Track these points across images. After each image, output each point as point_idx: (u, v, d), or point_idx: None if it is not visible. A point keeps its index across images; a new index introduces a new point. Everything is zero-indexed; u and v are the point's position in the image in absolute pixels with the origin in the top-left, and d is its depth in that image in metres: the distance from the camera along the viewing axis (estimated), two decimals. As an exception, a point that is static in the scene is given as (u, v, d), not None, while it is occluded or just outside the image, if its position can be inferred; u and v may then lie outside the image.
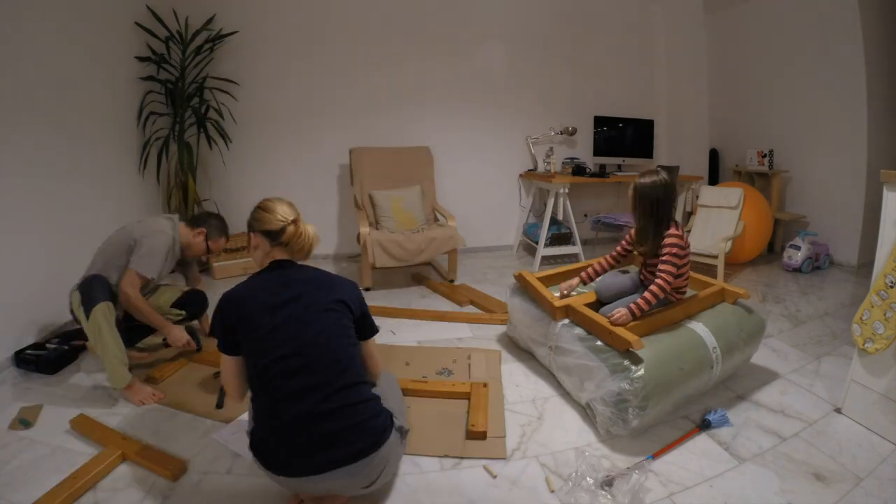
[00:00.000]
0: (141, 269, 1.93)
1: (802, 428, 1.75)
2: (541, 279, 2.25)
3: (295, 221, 1.38)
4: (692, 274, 2.26)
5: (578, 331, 1.89)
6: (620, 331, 1.70)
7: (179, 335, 2.04)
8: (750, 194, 3.68)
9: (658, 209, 1.84)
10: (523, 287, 2.29)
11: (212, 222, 2.19)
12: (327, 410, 1.21)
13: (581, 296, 2.12)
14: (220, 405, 1.82)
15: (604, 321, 1.79)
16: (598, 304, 2.05)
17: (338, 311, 1.32)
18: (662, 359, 1.68)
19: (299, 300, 1.29)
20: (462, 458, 1.58)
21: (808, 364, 2.23)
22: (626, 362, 1.65)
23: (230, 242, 3.56)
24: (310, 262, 1.48)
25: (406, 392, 1.86)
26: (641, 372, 1.60)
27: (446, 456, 1.58)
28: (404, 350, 2.36)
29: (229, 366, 1.31)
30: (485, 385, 1.95)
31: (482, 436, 1.66)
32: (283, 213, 1.38)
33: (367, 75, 3.95)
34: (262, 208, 1.41)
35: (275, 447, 1.22)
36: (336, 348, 1.28)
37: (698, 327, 1.86)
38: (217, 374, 2.02)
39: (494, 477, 1.49)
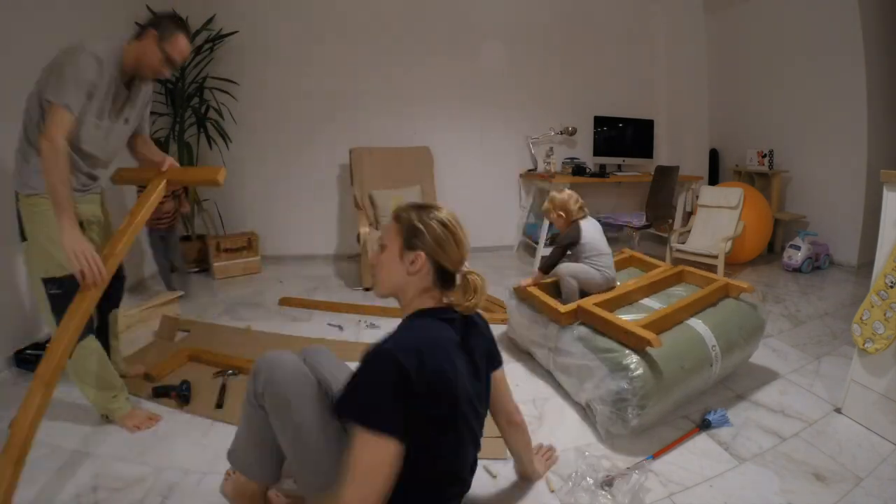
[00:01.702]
0: (50, 97, 1.40)
1: (802, 428, 1.75)
2: (540, 287, 2.21)
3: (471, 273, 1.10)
4: (696, 271, 2.33)
5: (578, 331, 1.89)
6: (639, 330, 1.66)
7: (71, 245, 1.37)
8: (750, 194, 3.68)
9: None
10: (524, 299, 2.26)
11: (162, 21, 1.56)
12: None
13: (591, 297, 2.07)
14: (219, 405, 1.82)
15: (620, 321, 1.76)
16: (618, 302, 2.05)
17: (492, 355, 1.19)
18: (662, 357, 1.67)
19: (475, 360, 1.08)
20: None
21: (808, 364, 2.23)
22: (625, 361, 1.64)
23: (230, 242, 3.58)
24: (307, 261, 1.48)
25: None
26: (640, 371, 1.60)
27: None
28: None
29: (387, 457, 0.88)
30: None
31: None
32: (468, 247, 1.10)
33: (367, 75, 3.96)
34: (450, 229, 1.07)
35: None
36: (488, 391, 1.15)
37: (698, 325, 1.86)
38: (220, 373, 2.02)
39: (494, 477, 1.48)
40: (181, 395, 1.85)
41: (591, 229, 2.22)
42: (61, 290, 1.51)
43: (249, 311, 2.89)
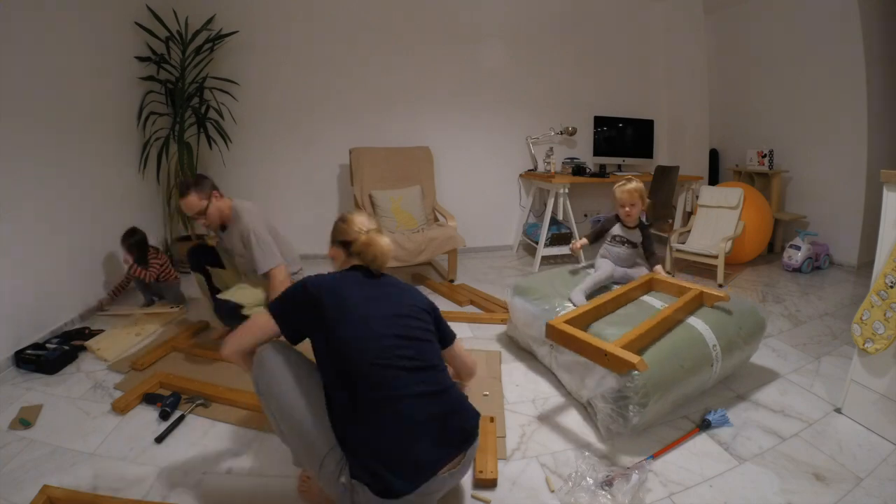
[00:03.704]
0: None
1: (802, 428, 1.75)
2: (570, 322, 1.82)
3: (368, 233, 1.38)
4: (674, 281, 2.21)
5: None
6: (620, 352, 1.55)
7: None
8: (750, 194, 3.68)
9: None
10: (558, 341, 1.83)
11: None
12: (436, 392, 1.21)
13: (569, 312, 1.90)
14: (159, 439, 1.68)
15: (598, 342, 1.63)
16: (591, 316, 1.91)
17: (420, 308, 1.33)
18: (663, 356, 1.67)
19: (387, 295, 1.30)
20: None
21: (808, 364, 2.23)
22: (627, 361, 1.64)
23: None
24: (308, 261, 1.48)
25: None
26: (641, 370, 1.60)
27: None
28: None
29: (266, 328, 1.25)
30: (492, 419, 1.72)
31: (492, 484, 1.45)
32: (359, 224, 1.41)
33: (367, 75, 3.96)
34: (341, 220, 1.46)
35: (402, 452, 1.12)
36: (426, 337, 1.29)
37: (698, 324, 1.86)
38: (190, 399, 1.87)
39: (488, 502, 1.41)
40: (164, 410, 1.78)
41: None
42: None
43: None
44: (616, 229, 2.33)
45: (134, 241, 2.72)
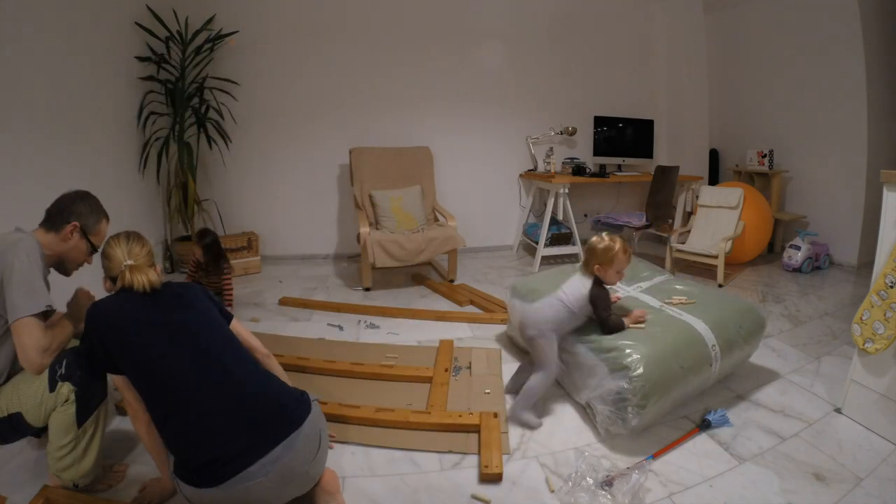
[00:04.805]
0: (32, 310, 1.25)
1: (802, 428, 1.74)
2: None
3: (131, 268, 1.28)
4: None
5: (578, 330, 1.88)
6: None
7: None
8: (750, 194, 3.68)
9: None
10: None
11: (79, 208, 1.46)
12: (250, 394, 1.22)
13: None
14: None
15: None
16: None
17: (203, 300, 1.40)
18: (661, 357, 1.67)
19: (167, 303, 1.30)
20: (465, 453, 1.59)
21: (808, 364, 2.23)
22: (626, 361, 1.64)
23: (230, 242, 3.58)
24: (307, 261, 1.46)
25: (407, 422, 1.72)
26: (640, 370, 1.60)
27: (450, 452, 1.59)
28: (402, 349, 2.36)
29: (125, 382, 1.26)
30: (495, 415, 1.73)
31: (498, 478, 1.47)
32: (120, 256, 1.30)
33: (367, 75, 3.96)
34: (104, 255, 1.34)
35: (199, 451, 1.12)
36: (221, 330, 1.36)
37: (698, 324, 1.86)
38: None
39: (488, 502, 1.41)
40: None
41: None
42: None
43: (249, 311, 2.89)
44: None
45: (210, 240, 2.67)
